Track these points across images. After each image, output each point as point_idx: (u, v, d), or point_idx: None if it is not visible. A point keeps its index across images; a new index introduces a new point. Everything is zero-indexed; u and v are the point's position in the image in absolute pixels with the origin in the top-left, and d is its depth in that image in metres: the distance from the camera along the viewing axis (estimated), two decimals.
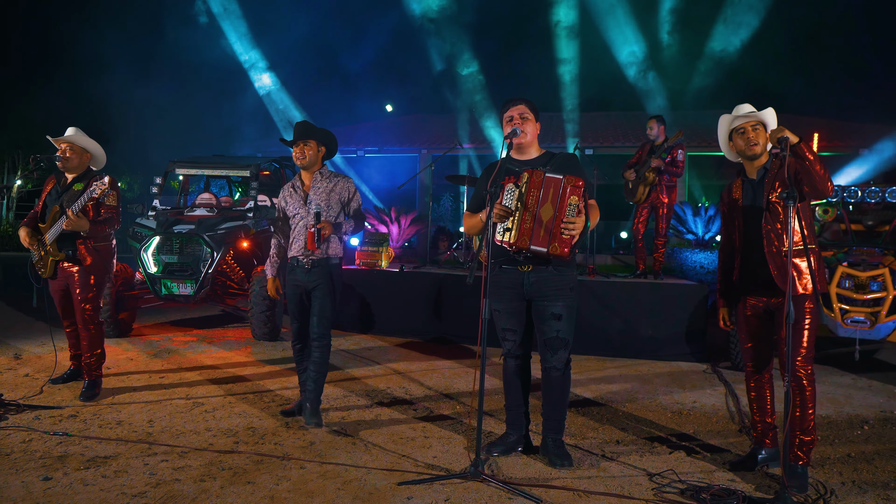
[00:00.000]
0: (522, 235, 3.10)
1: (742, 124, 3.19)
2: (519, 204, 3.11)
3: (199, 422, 3.79)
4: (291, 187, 3.97)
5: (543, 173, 3.09)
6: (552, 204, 3.06)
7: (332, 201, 3.90)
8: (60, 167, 4.25)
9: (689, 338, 6.08)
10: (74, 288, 4.22)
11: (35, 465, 3.02)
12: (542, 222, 3.08)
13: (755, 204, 3.16)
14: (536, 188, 3.08)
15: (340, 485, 2.90)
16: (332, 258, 3.88)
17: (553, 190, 3.07)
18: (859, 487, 3.07)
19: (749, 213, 3.18)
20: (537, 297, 3.25)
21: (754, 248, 3.14)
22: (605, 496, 2.85)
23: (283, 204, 3.98)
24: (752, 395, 3.38)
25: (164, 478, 2.91)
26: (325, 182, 3.92)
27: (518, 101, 3.35)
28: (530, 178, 3.11)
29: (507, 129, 3.31)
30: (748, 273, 3.20)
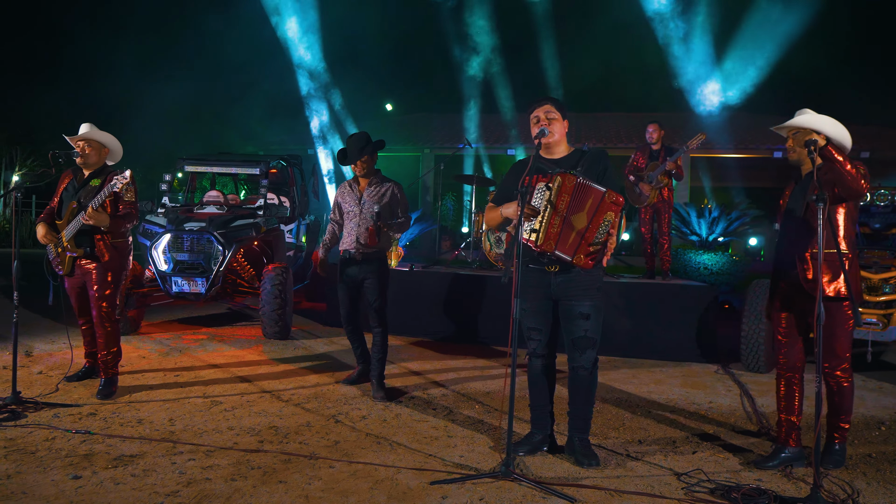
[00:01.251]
0: (548, 239, 3.08)
1: (786, 133, 3.23)
2: (548, 206, 3.10)
3: (219, 420, 3.77)
4: (348, 186, 4.57)
5: (576, 178, 3.07)
6: (587, 214, 3.04)
7: (382, 203, 4.47)
8: (79, 163, 4.21)
9: (699, 339, 6.10)
10: (92, 285, 4.18)
11: (62, 463, 3.00)
12: (572, 229, 3.07)
13: (796, 206, 3.20)
14: (567, 193, 3.07)
15: (373, 484, 2.89)
16: (380, 252, 4.50)
17: (592, 201, 3.04)
18: (885, 487, 3.09)
19: (790, 214, 3.24)
20: (564, 296, 3.25)
21: (791, 249, 3.18)
22: (636, 496, 2.86)
23: (340, 200, 4.59)
24: (781, 393, 3.39)
25: (195, 477, 2.89)
26: (377, 187, 4.51)
27: (543, 101, 3.35)
28: (562, 183, 3.08)
29: (535, 130, 3.31)
30: (783, 272, 3.24)
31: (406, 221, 4.56)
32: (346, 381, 4.72)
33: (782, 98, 14.89)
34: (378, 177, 4.55)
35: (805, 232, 3.11)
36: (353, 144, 4.45)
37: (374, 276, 4.44)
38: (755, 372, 5.52)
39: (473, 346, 6.32)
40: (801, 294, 3.16)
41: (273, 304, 6.02)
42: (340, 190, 4.61)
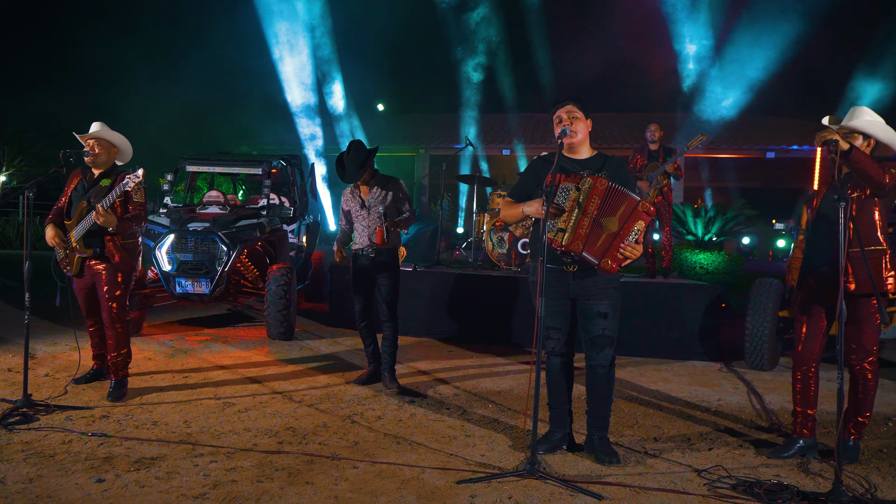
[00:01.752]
0: (576, 239, 3.07)
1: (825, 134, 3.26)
2: (576, 206, 3.09)
3: (235, 422, 3.74)
4: (350, 192, 4.70)
5: (608, 182, 3.08)
6: (619, 220, 3.05)
7: (387, 203, 4.61)
8: (89, 163, 4.17)
9: (702, 337, 6.16)
10: (101, 286, 4.14)
11: (82, 466, 2.97)
12: (601, 232, 3.07)
13: (829, 203, 3.25)
14: (598, 195, 3.06)
15: (400, 484, 2.89)
16: (392, 249, 4.62)
17: (625, 207, 3.06)
18: None
19: (823, 214, 3.31)
20: (582, 296, 3.27)
21: (821, 244, 3.25)
22: (661, 492, 2.89)
23: (345, 206, 4.74)
24: (797, 387, 3.45)
25: (220, 479, 2.88)
26: (378, 188, 4.62)
27: (566, 101, 3.35)
28: (593, 185, 3.08)
29: (558, 130, 3.31)
30: (811, 266, 3.32)
31: (411, 215, 4.71)
32: (358, 381, 4.74)
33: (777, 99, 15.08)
34: (377, 178, 4.64)
35: (835, 231, 3.16)
36: (350, 163, 4.52)
37: (387, 272, 4.58)
38: (759, 370, 5.57)
39: (479, 346, 6.33)
40: (831, 290, 3.22)
41: (278, 304, 5.99)
42: (344, 196, 4.75)
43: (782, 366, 5.77)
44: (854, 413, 3.38)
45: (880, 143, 3.21)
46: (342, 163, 4.57)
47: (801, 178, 15.55)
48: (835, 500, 2.72)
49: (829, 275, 3.24)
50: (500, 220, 7.54)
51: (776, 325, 5.54)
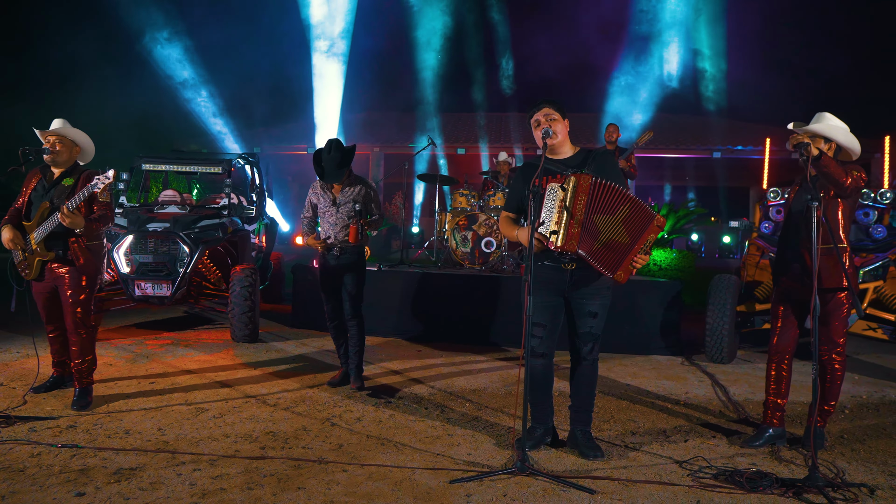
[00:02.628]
0: (570, 239, 3.09)
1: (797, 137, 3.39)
2: (564, 208, 3.11)
3: (211, 428, 3.64)
4: (320, 187, 4.59)
5: (591, 178, 3.10)
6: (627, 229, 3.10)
7: (358, 203, 4.52)
8: (48, 161, 3.96)
9: (663, 332, 6.35)
10: (65, 290, 3.94)
11: (58, 480, 2.82)
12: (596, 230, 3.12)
13: (800, 204, 3.40)
14: (584, 192, 3.10)
15: (393, 486, 2.87)
16: (359, 246, 4.57)
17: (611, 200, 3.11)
18: (864, 465, 3.33)
19: (793, 213, 3.45)
20: (577, 294, 3.32)
21: (792, 242, 3.40)
22: (649, 484, 2.97)
23: (315, 200, 4.64)
24: (771, 375, 3.60)
25: (207, 488, 2.79)
26: (350, 187, 4.58)
27: (542, 104, 3.39)
28: (578, 183, 3.10)
29: (538, 133, 3.35)
30: (784, 263, 3.47)
31: (380, 218, 4.72)
32: (331, 383, 4.67)
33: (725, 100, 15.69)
34: (351, 177, 4.60)
35: (806, 230, 3.32)
36: (330, 163, 4.45)
37: (353, 271, 4.55)
38: (718, 363, 5.79)
39: (447, 344, 6.34)
40: (803, 286, 3.37)
41: (243, 306, 5.85)
42: (314, 189, 4.65)
43: (740, 358, 6.02)
44: (821, 401, 3.54)
45: (842, 147, 3.39)
46: (320, 161, 4.49)
47: (744, 178, 16.25)
48: (811, 485, 2.87)
49: (800, 271, 3.40)
50: (462, 219, 7.58)
51: (734, 320, 5.77)
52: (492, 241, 7.44)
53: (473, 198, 7.94)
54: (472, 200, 7.92)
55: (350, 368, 4.62)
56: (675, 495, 2.85)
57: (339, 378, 4.70)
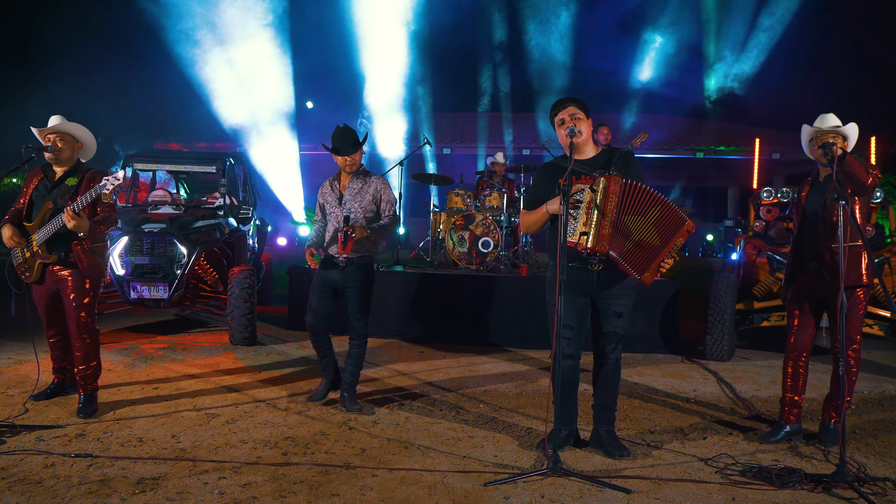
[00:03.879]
0: (601, 240, 3.06)
1: (824, 135, 3.41)
2: (595, 209, 3.07)
3: (226, 434, 3.54)
4: (329, 185, 4.18)
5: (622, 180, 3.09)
6: (658, 231, 3.09)
7: (364, 201, 4.05)
8: (50, 160, 3.82)
9: (662, 331, 6.40)
10: (68, 293, 3.80)
11: (79, 492, 2.71)
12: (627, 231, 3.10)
13: (815, 203, 3.43)
14: (615, 194, 3.07)
15: (428, 490, 2.82)
16: (367, 257, 4.05)
17: (641, 201, 3.10)
18: (881, 460, 3.39)
19: (809, 210, 3.47)
20: (603, 295, 3.31)
21: (809, 241, 3.42)
22: (681, 482, 2.98)
23: (322, 200, 4.19)
24: (788, 372, 3.64)
25: (238, 497, 2.71)
26: (358, 182, 4.09)
27: (567, 103, 3.37)
28: (608, 185, 3.08)
29: (562, 132, 3.33)
30: (801, 261, 3.49)
31: (390, 223, 4.05)
32: (312, 398, 4.19)
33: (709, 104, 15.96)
34: (361, 172, 4.12)
35: (825, 229, 3.36)
36: (345, 136, 4.01)
37: (357, 285, 3.98)
38: (718, 360, 5.86)
39: (447, 345, 6.30)
40: (821, 284, 3.41)
41: (243, 308, 5.73)
42: (322, 189, 4.22)
43: (738, 356, 6.09)
44: (835, 397, 3.60)
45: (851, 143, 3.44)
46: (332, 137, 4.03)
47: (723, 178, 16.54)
48: (840, 479, 2.90)
49: (819, 269, 3.45)
50: (459, 219, 7.55)
51: (734, 318, 5.84)
52: (489, 240, 7.42)
53: (469, 198, 7.92)
54: (468, 200, 7.89)
55: (345, 390, 4.09)
56: (708, 493, 2.86)
57: (322, 391, 4.20)
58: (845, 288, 3.40)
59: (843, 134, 3.41)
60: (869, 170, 3.26)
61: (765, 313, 5.94)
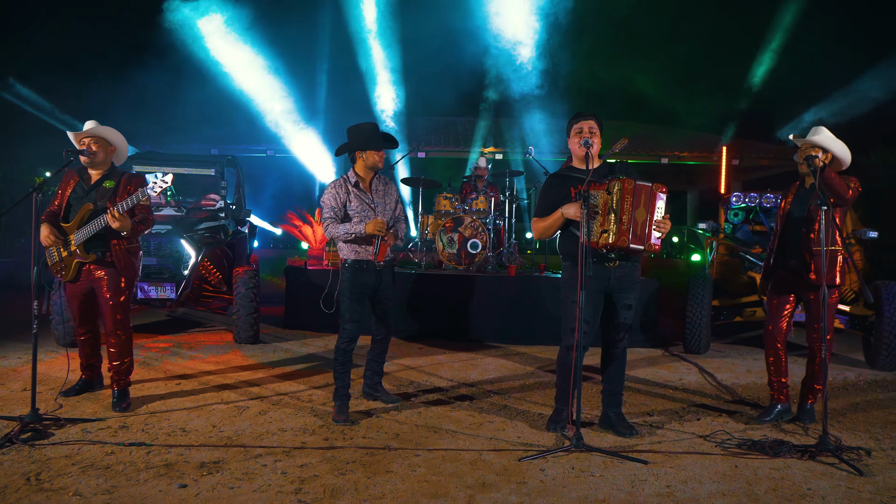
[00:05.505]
0: (622, 235, 3.42)
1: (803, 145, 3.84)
2: (612, 210, 3.46)
3: (264, 424, 3.76)
4: (351, 185, 4.07)
5: (634, 181, 3.50)
6: (645, 208, 3.46)
7: (390, 203, 4.20)
8: (86, 163, 3.96)
9: (643, 327, 6.85)
10: (104, 292, 3.95)
11: (150, 475, 2.91)
12: (637, 224, 3.46)
13: (800, 208, 3.87)
14: (630, 194, 3.45)
15: (470, 466, 3.13)
16: (391, 259, 4.21)
17: (644, 195, 3.47)
18: (852, 433, 3.86)
19: (793, 214, 3.91)
20: (617, 289, 3.66)
21: (791, 244, 3.86)
22: (688, 454, 3.36)
23: (344, 201, 4.03)
24: (770, 360, 4.07)
25: (301, 475, 2.95)
26: (381, 183, 4.21)
27: (589, 116, 3.71)
28: (624, 187, 3.46)
29: (578, 140, 3.68)
30: (782, 260, 3.93)
31: (405, 226, 4.26)
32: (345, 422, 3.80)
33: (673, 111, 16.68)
34: (378, 175, 4.19)
35: (808, 232, 3.80)
36: (376, 132, 4.02)
37: (392, 286, 4.23)
38: (696, 353, 6.33)
39: (443, 342, 6.60)
40: (801, 281, 3.85)
41: (248, 307, 5.91)
42: (340, 189, 4.05)
43: (713, 349, 6.58)
44: (811, 381, 4.05)
45: (836, 157, 3.90)
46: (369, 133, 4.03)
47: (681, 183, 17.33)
48: (823, 448, 3.34)
49: (799, 267, 3.89)
50: (449, 222, 7.86)
51: (710, 314, 6.33)
52: (477, 242, 7.75)
53: (457, 201, 8.24)
54: (456, 203, 8.21)
55: (377, 383, 4.32)
56: (714, 462, 3.25)
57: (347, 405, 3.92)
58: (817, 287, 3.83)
59: (821, 146, 3.84)
60: (849, 183, 3.70)
61: (738, 309, 6.45)
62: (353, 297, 4.02)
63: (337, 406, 3.93)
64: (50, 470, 2.92)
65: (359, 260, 4.02)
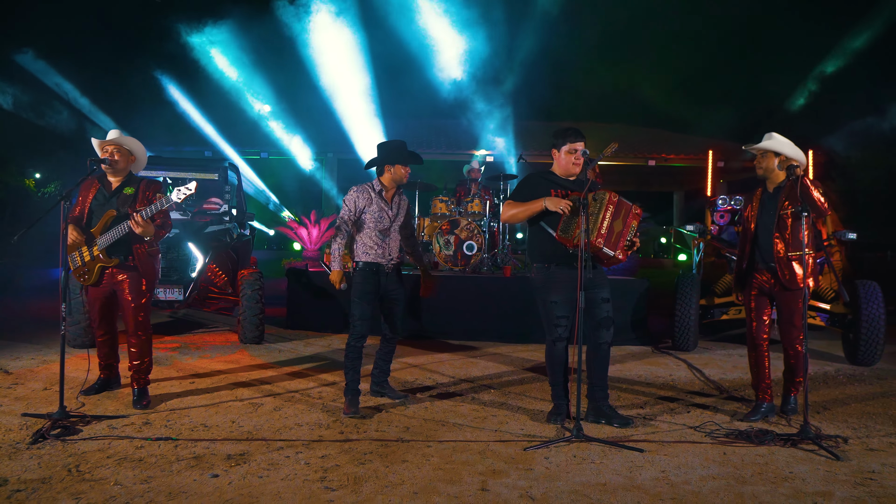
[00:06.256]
0: (598, 237, 3.74)
1: (754, 152, 4.12)
2: (593, 215, 3.75)
3: (279, 419, 3.96)
4: (376, 193, 4.33)
5: (617, 196, 3.82)
6: (622, 220, 3.80)
7: (405, 214, 4.53)
8: (108, 170, 4.14)
9: (633, 325, 7.13)
10: (125, 295, 4.14)
11: (181, 466, 3.11)
12: (613, 232, 3.78)
13: (768, 213, 4.12)
14: (612, 205, 3.79)
15: (479, 455, 3.36)
16: (400, 262, 4.54)
17: (624, 211, 3.82)
18: (831, 423, 4.14)
19: (762, 219, 4.15)
20: (590, 287, 3.88)
21: (764, 248, 4.10)
22: (680, 443, 3.62)
23: (365, 206, 4.27)
24: (752, 363, 4.32)
25: (323, 465, 3.16)
26: (398, 196, 4.51)
27: (581, 139, 4.03)
28: (608, 198, 3.80)
29: (572, 158, 4.00)
30: (753, 264, 4.17)
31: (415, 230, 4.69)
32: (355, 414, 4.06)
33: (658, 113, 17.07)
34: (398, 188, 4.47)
35: (780, 237, 4.03)
36: (404, 147, 4.33)
37: (402, 288, 4.48)
38: (685, 350, 6.61)
39: (441, 342, 6.84)
40: (773, 283, 4.10)
41: (254, 308, 6.10)
42: (363, 195, 4.29)
43: (700, 347, 6.87)
44: (791, 376, 4.30)
45: (790, 158, 4.11)
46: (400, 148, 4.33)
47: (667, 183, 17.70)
48: (804, 437, 3.61)
49: (772, 271, 4.13)
50: (445, 224, 8.09)
51: (698, 312, 6.61)
52: (473, 244, 7.99)
53: (452, 204, 8.47)
54: (452, 206, 8.44)
55: (384, 381, 4.56)
56: (705, 450, 3.51)
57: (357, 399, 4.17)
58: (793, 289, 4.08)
59: (772, 150, 4.08)
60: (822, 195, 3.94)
61: (724, 308, 6.74)
62: (362, 298, 4.28)
63: (348, 401, 4.16)
64: (87, 462, 3.11)
65: (369, 262, 4.28)
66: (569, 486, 2.97)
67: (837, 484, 3.06)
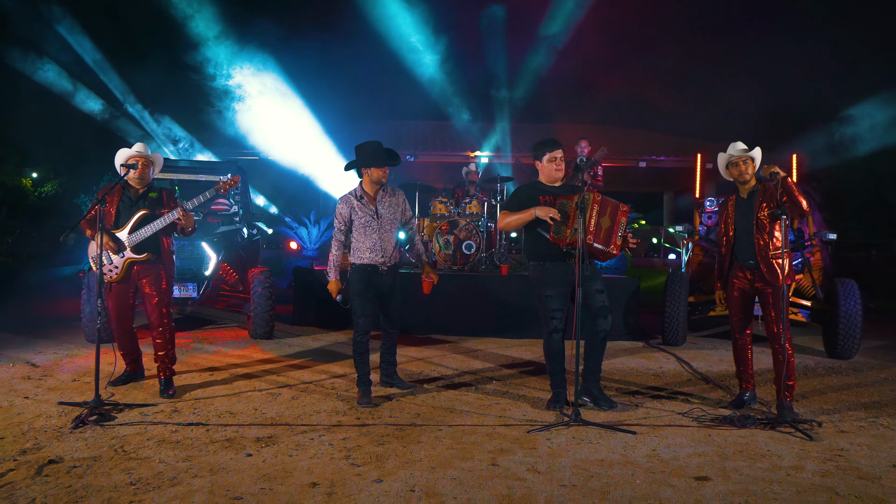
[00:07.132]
0: (587, 235, 4.06)
1: (736, 159, 4.45)
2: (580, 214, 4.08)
3: (299, 407, 4.25)
4: (356, 199, 4.57)
5: (601, 195, 4.16)
6: (610, 218, 4.13)
7: (398, 213, 4.72)
8: (135, 178, 4.43)
9: (625, 321, 7.47)
10: (150, 289, 4.43)
11: (216, 447, 3.40)
12: (601, 229, 4.11)
13: (746, 217, 4.44)
14: (597, 203, 4.12)
15: (487, 437, 3.67)
16: (399, 262, 4.79)
17: (610, 208, 4.15)
18: (813, 413, 4.48)
19: (740, 223, 4.47)
20: (584, 280, 4.19)
21: (744, 248, 4.40)
22: (669, 427, 3.95)
23: (350, 214, 4.56)
24: (737, 356, 4.65)
25: (346, 446, 3.47)
26: (388, 196, 4.68)
27: (559, 146, 4.41)
28: (592, 197, 4.13)
29: (553, 165, 4.37)
30: (737, 265, 4.47)
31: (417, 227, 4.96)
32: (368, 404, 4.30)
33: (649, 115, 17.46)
34: (387, 186, 4.67)
35: (760, 237, 4.36)
36: (379, 149, 4.49)
37: (398, 286, 4.74)
38: (674, 345, 6.95)
39: (440, 336, 7.15)
40: (754, 281, 4.43)
41: (265, 305, 6.38)
42: (346, 204, 4.58)
43: (689, 342, 7.22)
44: (784, 379, 4.34)
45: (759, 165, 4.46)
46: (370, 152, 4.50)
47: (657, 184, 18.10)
48: (782, 420, 3.95)
49: (754, 270, 4.46)
50: (444, 224, 8.40)
51: (686, 309, 6.96)
52: (471, 243, 8.30)
53: (451, 205, 8.79)
54: (450, 207, 8.76)
55: (393, 374, 4.83)
56: (692, 432, 3.85)
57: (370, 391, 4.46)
58: (775, 286, 4.41)
59: (752, 157, 4.44)
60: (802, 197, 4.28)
61: (712, 305, 7.09)
62: (360, 295, 4.57)
63: (361, 391, 4.46)
64: (130, 444, 3.40)
65: (363, 264, 4.59)
66: (570, 461, 3.29)
67: (809, 459, 3.41)
